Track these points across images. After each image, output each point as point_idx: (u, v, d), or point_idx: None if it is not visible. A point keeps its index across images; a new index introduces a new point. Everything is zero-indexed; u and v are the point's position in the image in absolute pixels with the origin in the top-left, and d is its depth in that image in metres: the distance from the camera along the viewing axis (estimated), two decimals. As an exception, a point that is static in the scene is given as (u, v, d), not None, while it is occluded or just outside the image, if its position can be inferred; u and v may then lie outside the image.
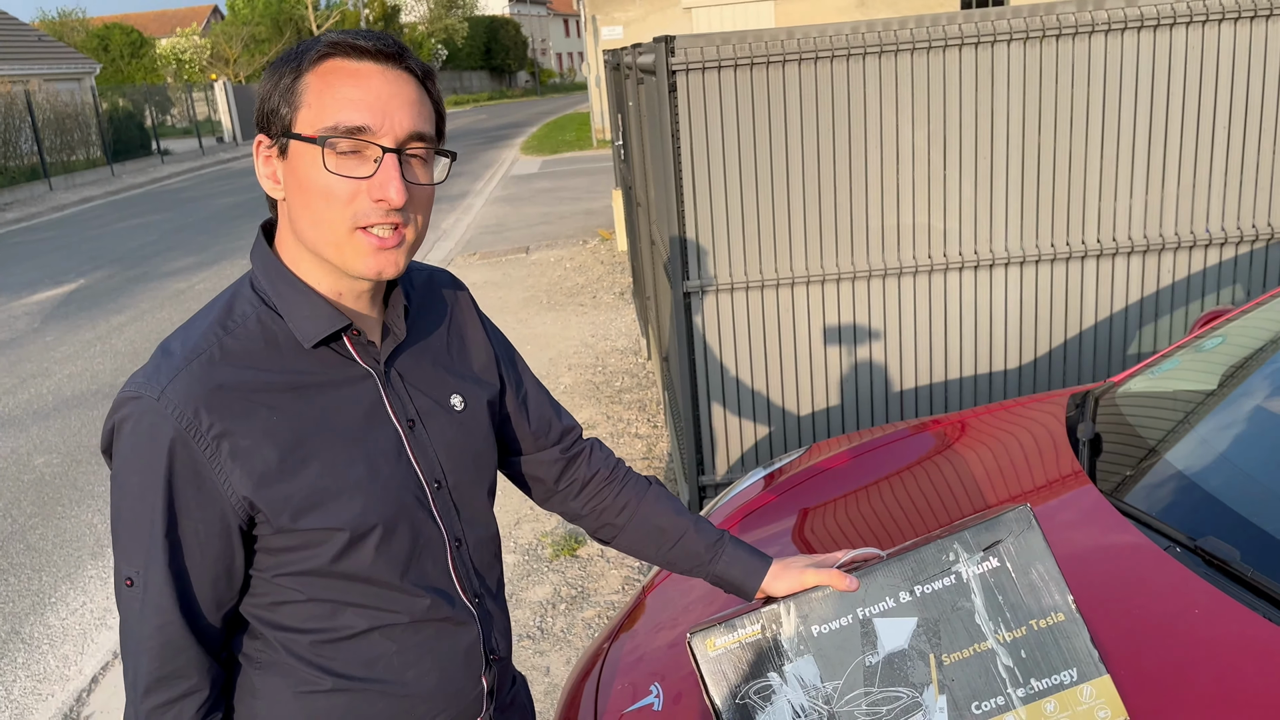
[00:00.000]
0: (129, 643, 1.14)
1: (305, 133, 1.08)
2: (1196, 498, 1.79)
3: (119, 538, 1.12)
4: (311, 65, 1.08)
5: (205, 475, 1.09)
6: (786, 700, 1.20)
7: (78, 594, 4.16)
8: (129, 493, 1.10)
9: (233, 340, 1.12)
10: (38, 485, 5.30)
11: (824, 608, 1.23)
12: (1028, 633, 1.21)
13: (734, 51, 3.14)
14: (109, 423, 1.13)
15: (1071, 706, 1.19)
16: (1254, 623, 1.45)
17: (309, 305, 1.14)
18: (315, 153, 1.08)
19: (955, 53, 3.19)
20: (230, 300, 1.16)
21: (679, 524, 1.42)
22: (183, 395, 1.08)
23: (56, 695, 3.48)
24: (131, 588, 1.12)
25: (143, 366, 1.13)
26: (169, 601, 1.11)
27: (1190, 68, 3.24)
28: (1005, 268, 3.40)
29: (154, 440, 1.08)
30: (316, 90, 1.08)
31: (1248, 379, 2.11)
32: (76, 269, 11.71)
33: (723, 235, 3.33)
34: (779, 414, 3.55)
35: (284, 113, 1.09)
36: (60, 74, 28.84)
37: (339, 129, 1.07)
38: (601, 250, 9.96)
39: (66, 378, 7.23)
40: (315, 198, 1.09)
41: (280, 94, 1.09)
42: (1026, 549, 1.23)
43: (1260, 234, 3.37)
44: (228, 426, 1.09)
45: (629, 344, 6.63)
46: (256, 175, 1.16)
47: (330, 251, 1.12)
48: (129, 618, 1.13)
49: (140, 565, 1.11)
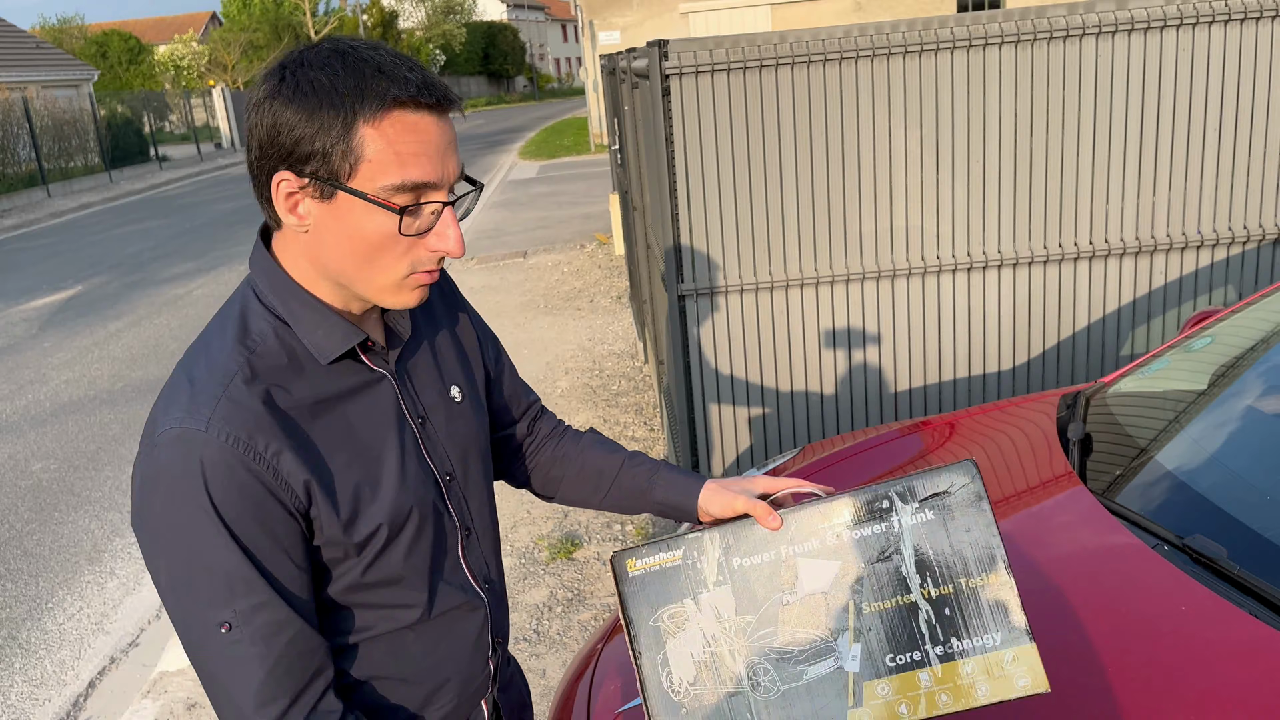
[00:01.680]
0: (240, 685, 1.07)
1: (367, 189, 1.04)
2: (1185, 497, 1.80)
3: (197, 587, 1.05)
4: (371, 118, 1.03)
5: (273, 495, 1.07)
6: (699, 628, 1.19)
7: (75, 599, 4.16)
8: (200, 535, 1.04)
9: (258, 360, 1.10)
10: (35, 491, 5.31)
11: (749, 541, 1.22)
12: (954, 591, 1.17)
13: (727, 55, 3.15)
14: (148, 467, 1.06)
15: (991, 670, 1.15)
16: (1241, 621, 1.45)
17: (324, 322, 1.13)
18: (379, 212, 1.05)
19: (948, 56, 3.21)
20: (242, 316, 1.13)
21: (615, 461, 1.44)
22: (232, 421, 1.05)
23: (54, 700, 3.48)
24: (230, 631, 1.06)
25: (168, 403, 1.08)
26: (287, 617, 1.08)
27: (1180, 70, 3.25)
28: (998, 269, 3.41)
29: (215, 474, 1.04)
30: (377, 146, 1.03)
31: (1237, 379, 2.12)
32: (74, 275, 11.72)
33: (717, 238, 3.34)
34: (774, 416, 3.56)
35: (335, 162, 1.04)
36: (58, 80, 28.86)
37: (404, 186, 1.05)
38: (599, 254, 9.98)
39: (64, 384, 7.23)
40: (368, 249, 1.07)
41: (327, 138, 1.03)
42: (966, 506, 1.20)
43: (1250, 235, 3.38)
44: (278, 446, 1.07)
45: (626, 347, 6.64)
46: (270, 203, 1.10)
47: (370, 292, 1.11)
48: (234, 659, 1.06)
49: (237, 603, 1.05)
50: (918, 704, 1.15)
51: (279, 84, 1.04)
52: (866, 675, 1.16)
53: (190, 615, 1.07)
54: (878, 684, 1.15)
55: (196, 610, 1.06)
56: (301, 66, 1.04)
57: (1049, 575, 1.68)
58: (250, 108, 1.07)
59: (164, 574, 1.08)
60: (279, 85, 1.04)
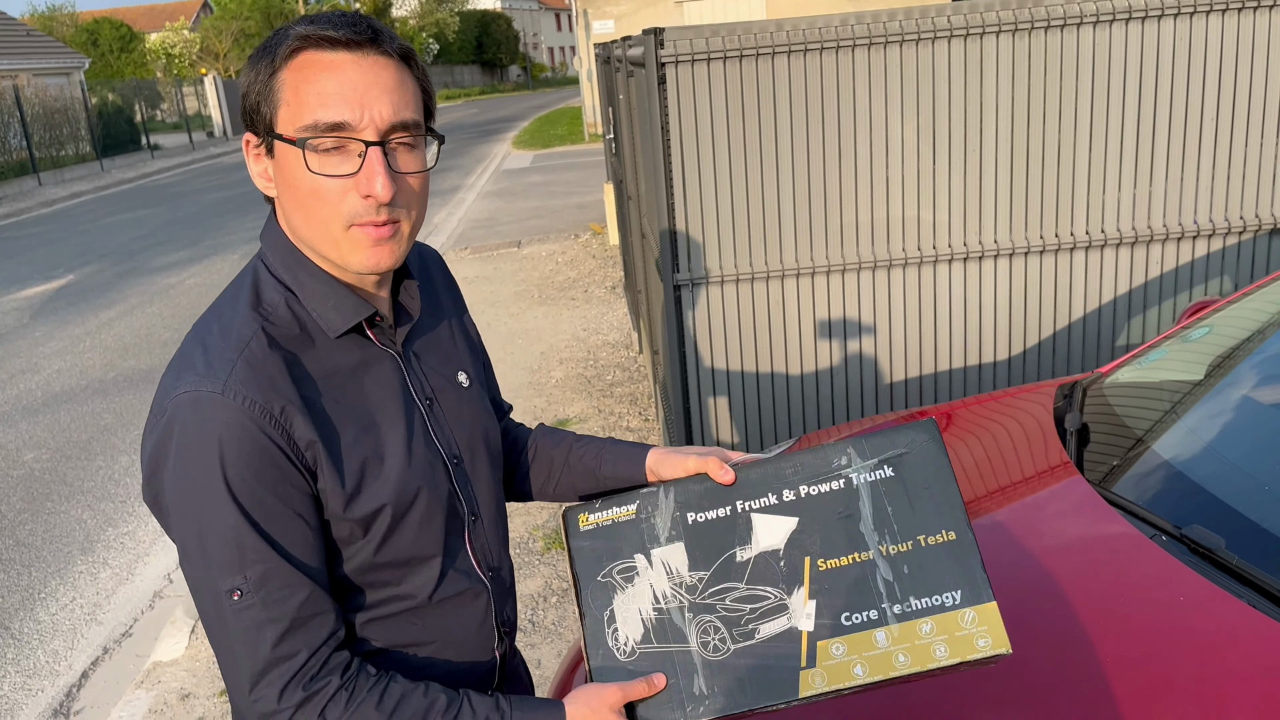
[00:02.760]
0: (253, 650, 1.06)
1: (286, 132, 1.05)
2: (1182, 487, 1.80)
3: (209, 550, 1.05)
4: (285, 60, 1.05)
5: (288, 457, 1.06)
6: (649, 584, 1.16)
7: (67, 589, 4.15)
8: (213, 500, 1.04)
9: (272, 328, 1.10)
10: (27, 481, 5.28)
11: (702, 497, 1.19)
12: (913, 548, 1.12)
13: (723, 44, 3.14)
14: (161, 433, 1.05)
15: (950, 630, 1.09)
16: (1239, 610, 1.45)
17: (333, 295, 1.13)
18: (298, 153, 1.05)
19: (945, 45, 3.19)
20: (255, 286, 1.13)
21: (563, 448, 1.43)
22: (248, 384, 1.04)
23: (46, 691, 3.47)
24: (242, 598, 1.05)
25: (180, 368, 1.07)
26: (299, 581, 1.07)
27: (1178, 60, 3.24)
28: (994, 259, 3.40)
29: (230, 435, 1.03)
30: (292, 87, 1.05)
31: (1234, 369, 2.12)
32: (66, 264, 11.67)
33: (712, 228, 3.33)
34: (769, 406, 3.55)
35: (265, 111, 1.07)
36: (49, 69, 28.68)
37: (318, 126, 1.04)
38: (593, 244, 9.96)
39: (56, 373, 7.20)
40: (305, 197, 1.07)
41: (259, 91, 1.07)
42: (925, 463, 1.15)
43: (1248, 225, 3.38)
44: (292, 410, 1.07)
45: (621, 338, 6.63)
46: (249, 173, 1.14)
47: (327, 249, 1.11)
48: (246, 625, 1.06)
49: (249, 570, 1.05)
50: (873, 665, 1.10)
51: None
52: (820, 634, 1.11)
53: (203, 582, 1.06)
54: (832, 643, 1.11)
55: (209, 577, 1.06)
56: (277, 32, 1.09)
57: (1046, 565, 1.67)
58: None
59: (179, 543, 1.07)
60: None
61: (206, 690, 3.33)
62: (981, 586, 1.11)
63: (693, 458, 1.25)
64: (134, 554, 4.42)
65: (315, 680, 1.08)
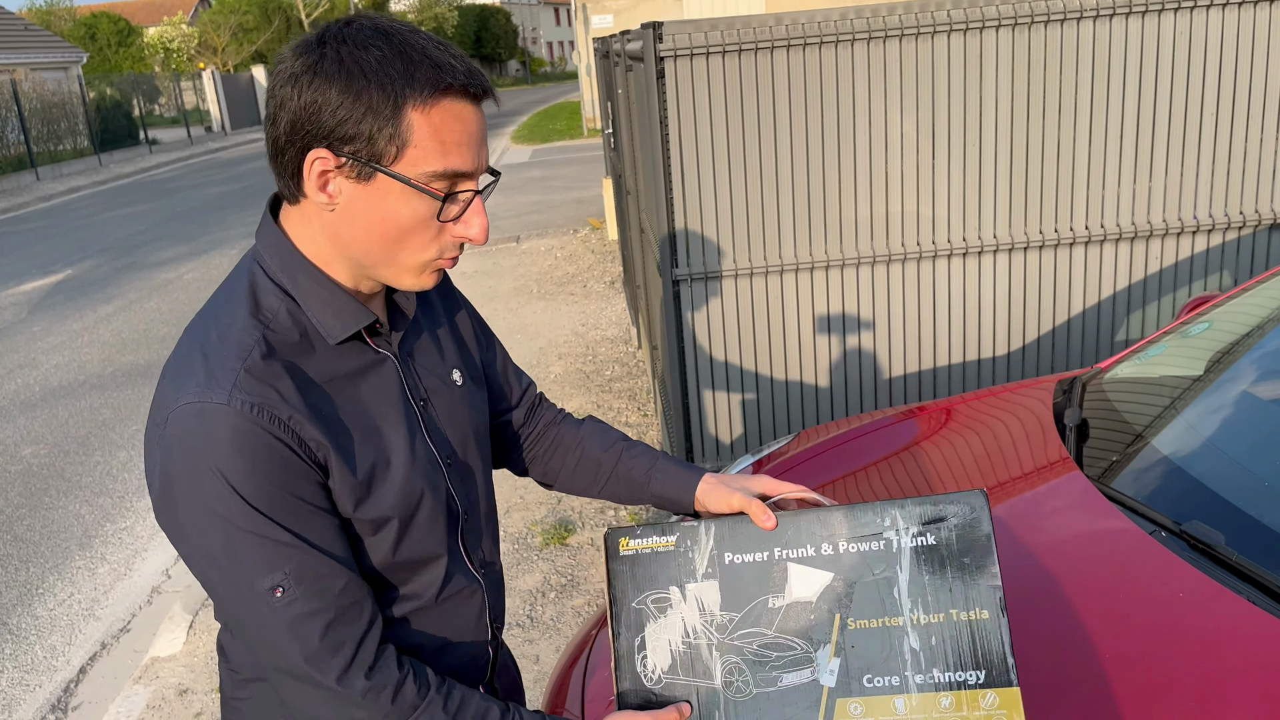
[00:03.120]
0: (303, 643, 1.06)
1: (409, 174, 1.03)
2: (1182, 483, 1.79)
3: (240, 559, 1.04)
4: (421, 104, 1.02)
5: (300, 458, 1.06)
6: (681, 617, 1.17)
7: (65, 585, 4.14)
8: (234, 507, 1.02)
9: (273, 335, 1.08)
10: (25, 476, 5.28)
11: (743, 538, 1.19)
12: (944, 620, 1.13)
13: (722, 38, 3.13)
14: (166, 448, 1.04)
15: (969, 708, 1.10)
16: (1238, 606, 1.45)
17: (333, 301, 1.12)
18: (417, 197, 1.05)
19: (944, 39, 3.18)
20: (252, 290, 1.11)
21: (613, 453, 1.44)
22: (253, 392, 1.03)
23: (44, 686, 3.47)
24: (284, 594, 1.04)
25: (179, 378, 1.05)
26: (335, 569, 1.08)
27: (1178, 55, 3.24)
28: (994, 255, 3.40)
29: (241, 442, 1.02)
30: (427, 132, 1.02)
31: (1234, 365, 2.12)
32: (64, 259, 11.65)
33: (711, 223, 3.32)
34: (768, 401, 3.55)
35: (380, 145, 1.02)
36: (47, 63, 28.62)
37: (447, 175, 1.05)
38: (592, 239, 9.95)
39: (54, 368, 7.19)
40: (399, 233, 1.07)
41: (374, 121, 1.01)
42: (969, 535, 1.16)
43: (1247, 220, 3.37)
44: (300, 416, 1.06)
45: (619, 333, 6.62)
46: (295, 178, 1.07)
47: (390, 274, 1.11)
48: (292, 619, 1.05)
49: (287, 565, 1.04)
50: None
51: (319, 59, 1.02)
52: (840, 692, 1.13)
53: (238, 589, 1.05)
54: (850, 702, 1.12)
55: (244, 582, 1.04)
56: (344, 43, 1.02)
57: (1045, 561, 1.67)
58: (282, 80, 1.04)
59: (201, 555, 1.05)
60: (319, 61, 1.02)
61: (204, 685, 3.32)
62: (1007, 670, 1.12)
63: (738, 495, 1.25)
64: (132, 549, 4.41)
65: (375, 671, 1.09)
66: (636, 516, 4.02)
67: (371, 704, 1.08)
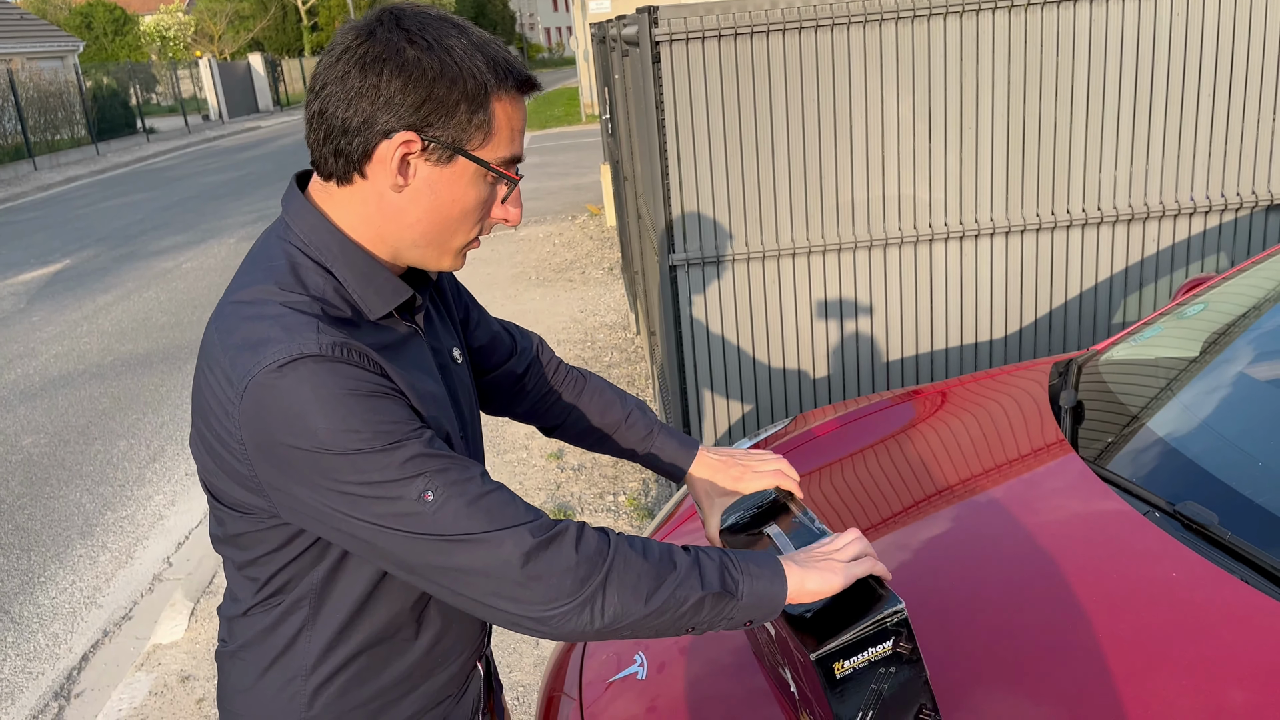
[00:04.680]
0: (475, 523, 1.04)
1: (488, 158, 1.10)
2: (1176, 463, 1.80)
3: (378, 485, 1.02)
4: (505, 94, 1.10)
5: (394, 389, 1.07)
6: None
7: (67, 573, 4.16)
8: (353, 430, 1.01)
9: (328, 307, 1.09)
10: (25, 465, 5.29)
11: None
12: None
13: (718, 22, 3.12)
14: (254, 406, 1.02)
15: None
16: (1232, 586, 1.46)
17: (375, 278, 1.14)
18: (483, 181, 1.11)
19: (940, 22, 3.17)
20: (293, 269, 1.11)
21: (615, 418, 1.51)
22: (339, 343, 1.04)
23: (47, 674, 3.48)
24: (433, 497, 1.03)
25: (256, 344, 1.03)
26: (463, 460, 1.07)
27: (1175, 35, 3.23)
28: (990, 238, 3.39)
29: (340, 378, 1.02)
30: (504, 121, 1.10)
31: (1229, 346, 2.12)
32: (62, 249, 11.64)
33: (709, 208, 3.32)
34: (766, 385, 3.55)
35: (469, 131, 1.08)
36: (43, 52, 28.54)
37: (510, 161, 1.13)
38: (590, 225, 9.93)
39: (53, 358, 7.20)
40: (456, 212, 1.12)
41: (466, 109, 1.07)
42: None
43: (1244, 201, 3.37)
44: (382, 364, 1.08)
45: (618, 319, 6.63)
46: (358, 159, 1.08)
47: (431, 255, 1.15)
48: (458, 512, 1.03)
49: (425, 469, 1.03)
50: None
51: (406, 42, 1.05)
52: None
53: (392, 510, 1.03)
54: None
55: (395, 500, 1.03)
56: (426, 29, 1.06)
57: (1040, 542, 1.68)
58: (357, 62, 1.05)
59: (339, 498, 1.03)
60: (405, 43, 1.05)
61: (207, 672, 3.34)
62: None
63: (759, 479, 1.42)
64: (133, 537, 4.43)
65: (548, 527, 1.08)
66: (634, 501, 4.03)
67: (588, 545, 1.07)
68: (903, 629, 1.15)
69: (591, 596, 1.05)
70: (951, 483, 1.95)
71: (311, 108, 1.09)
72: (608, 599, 1.06)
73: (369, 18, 1.08)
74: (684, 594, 1.09)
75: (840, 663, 1.14)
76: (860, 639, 1.14)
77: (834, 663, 1.14)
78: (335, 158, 1.09)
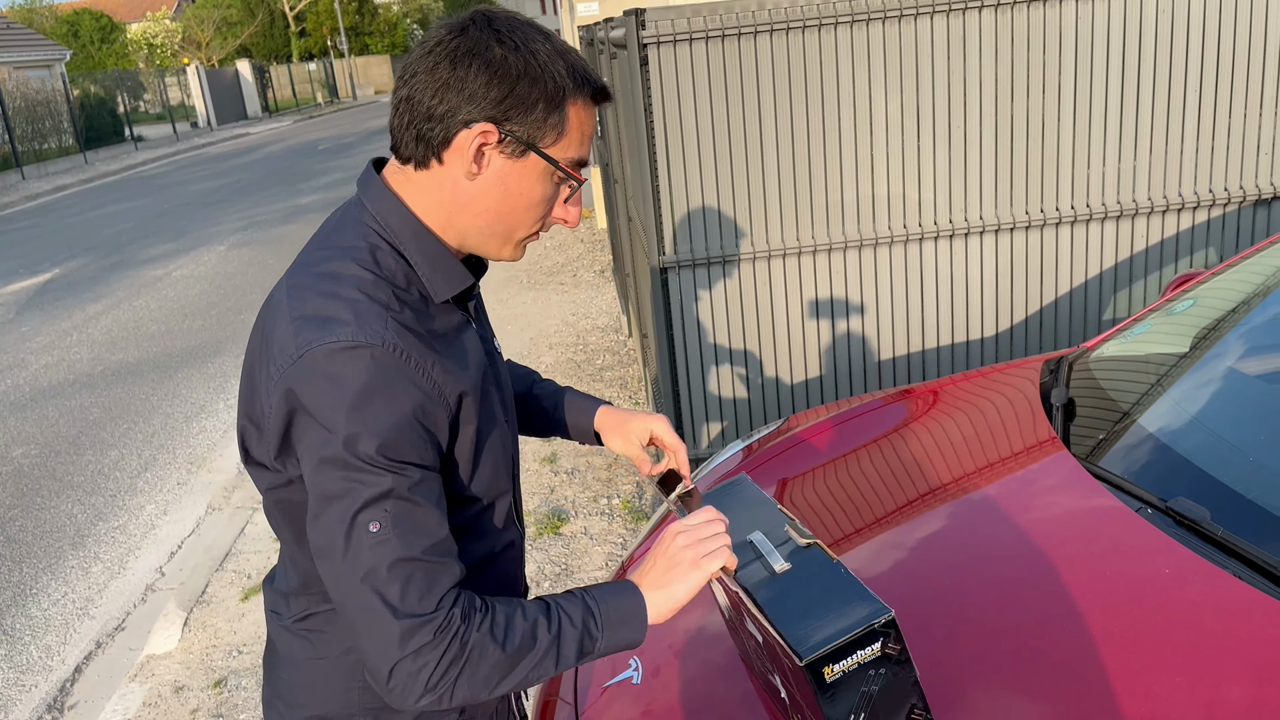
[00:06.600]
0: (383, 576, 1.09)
1: (559, 157, 1.17)
2: (1168, 460, 1.80)
3: (350, 486, 1.08)
4: (580, 99, 1.16)
5: (438, 415, 1.14)
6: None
7: (59, 584, 4.14)
8: (370, 435, 1.07)
9: (400, 292, 1.16)
10: (16, 477, 5.26)
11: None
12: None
13: (705, 24, 3.12)
14: (300, 374, 1.08)
15: None
16: (1224, 581, 1.46)
17: (443, 263, 1.20)
18: (551, 178, 1.18)
19: (927, 21, 3.18)
20: (371, 250, 1.17)
21: (523, 382, 1.61)
22: (404, 341, 1.11)
23: (40, 686, 3.46)
24: (376, 533, 1.09)
25: (323, 322, 1.09)
26: (435, 523, 1.12)
27: (1161, 32, 3.24)
28: (980, 236, 3.40)
29: (393, 383, 1.09)
30: (575, 124, 1.17)
31: (1219, 341, 2.12)
32: (52, 258, 11.60)
33: (698, 210, 3.32)
34: (758, 387, 3.55)
35: (543, 128, 1.15)
36: (30, 61, 28.42)
37: (577, 164, 1.19)
38: (581, 228, 9.93)
39: (43, 368, 7.17)
40: (522, 205, 1.19)
41: (544, 108, 1.14)
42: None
43: (1232, 197, 3.38)
44: (433, 361, 1.14)
45: (610, 321, 6.62)
46: (438, 145, 1.14)
47: (493, 244, 1.22)
48: (381, 561, 1.08)
49: (387, 506, 1.09)
50: None
51: (495, 42, 1.12)
52: None
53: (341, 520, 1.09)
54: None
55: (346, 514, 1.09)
56: (515, 32, 1.14)
57: (1033, 539, 1.68)
58: (449, 56, 1.12)
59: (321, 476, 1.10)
60: (494, 43, 1.12)
61: (200, 682, 3.33)
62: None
63: (630, 441, 1.52)
64: (125, 548, 4.41)
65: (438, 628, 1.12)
66: (629, 504, 4.03)
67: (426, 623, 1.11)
68: (891, 630, 1.15)
69: (441, 695, 1.11)
70: (944, 481, 1.95)
71: (400, 93, 1.16)
72: (456, 693, 1.11)
73: (463, 17, 1.16)
74: (537, 674, 1.16)
75: (830, 666, 1.15)
76: (849, 642, 1.14)
77: (823, 667, 1.14)
78: (417, 142, 1.16)
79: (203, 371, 6.73)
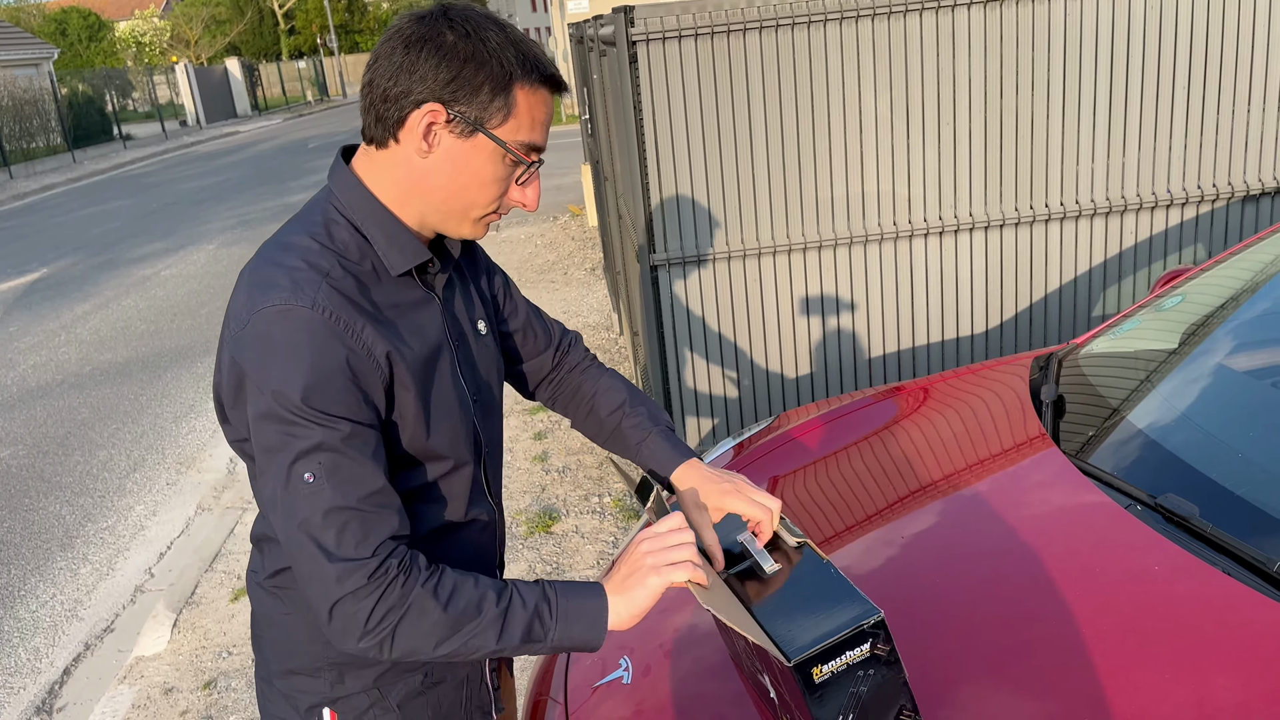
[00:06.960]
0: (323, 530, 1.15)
1: (507, 139, 1.22)
2: (1157, 456, 1.80)
3: (286, 440, 1.15)
4: (529, 85, 1.22)
5: (367, 374, 1.19)
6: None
7: (47, 586, 4.11)
8: (293, 396, 1.14)
9: (346, 262, 1.24)
10: (3, 478, 5.24)
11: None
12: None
13: (694, 21, 3.11)
14: (244, 340, 1.16)
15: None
16: (1214, 578, 1.46)
17: (398, 237, 1.27)
18: (501, 159, 1.23)
19: (916, 17, 3.18)
20: (326, 224, 1.26)
21: (614, 418, 1.60)
22: (333, 300, 1.18)
23: (28, 689, 3.45)
24: (311, 483, 1.15)
25: (264, 288, 1.17)
26: (371, 475, 1.18)
27: (1150, 29, 3.24)
28: (970, 233, 3.40)
29: (316, 344, 1.15)
30: (525, 108, 1.22)
31: (1207, 337, 2.13)
32: (39, 258, 11.54)
33: (688, 207, 3.31)
34: (749, 384, 3.55)
35: (490, 110, 1.20)
36: (17, 60, 28.26)
37: (529, 147, 1.25)
38: (572, 226, 9.92)
39: (31, 368, 7.13)
40: (473, 184, 1.25)
41: (489, 88, 1.20)
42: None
43: (1220, 193, 3.39)
44: (366, 325, 1.20)
45: (601, 319, 6.62)
46: (395, 125, 1.21)
47: (451, 221, 1.28)
48: (316, 509, 1.15)
49: (322, 458, 1.15)
50: None
51: (447, 29, 1.19)
52: None
53: (278, 472, 1.17)
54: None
55: (283, 465, 1.16)
56: (468, 21, 1.20)
57: (1022, 536, 1.68)
58: (405, 42, 1.20)
59: (260, 438, 1.17)
60: (446, 30, 1.19)
61: (190, 684, 3.31)
62: None
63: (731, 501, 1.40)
64: (114, 549, 4.39)
65: (371, 573, 1.17)
66: (620, 502, 4.02)
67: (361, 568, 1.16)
68: (880, 631, 1.15)
69: (381, 641, 1.16)
70: (934, 478, 1.94)
71: (365, 78, 1.24)
72: (397, 642, 1.16)
73: (424, 9, 1.23)
74: (477, 643, 1.19)
75: (818, 667, 1.15)
76: (838, 643, 1.14)
77: (812, 668, 1.14)
78: (376, 123, 1.24)
79: (192, 371, 6.71)
